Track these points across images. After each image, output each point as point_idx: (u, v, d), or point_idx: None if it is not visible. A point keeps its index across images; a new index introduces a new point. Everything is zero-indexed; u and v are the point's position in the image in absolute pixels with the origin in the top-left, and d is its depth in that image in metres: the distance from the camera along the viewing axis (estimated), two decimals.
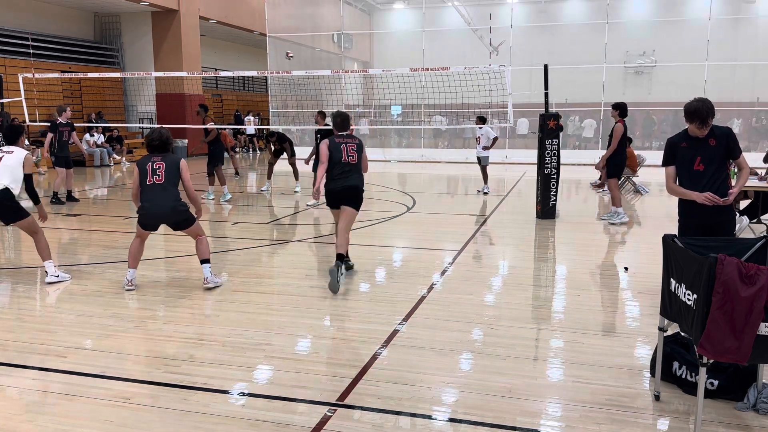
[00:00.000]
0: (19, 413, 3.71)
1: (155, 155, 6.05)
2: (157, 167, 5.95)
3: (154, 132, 6.17)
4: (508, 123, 13.25)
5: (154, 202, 5.96)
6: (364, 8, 28.84)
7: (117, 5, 21.36)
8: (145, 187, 5.97)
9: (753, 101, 23.44)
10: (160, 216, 6.06)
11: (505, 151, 22.46)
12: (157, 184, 5.94)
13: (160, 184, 5.94)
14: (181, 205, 6.08)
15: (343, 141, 6.41)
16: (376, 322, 5.30)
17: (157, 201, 5.95)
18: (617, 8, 24.11)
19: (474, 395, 3.93)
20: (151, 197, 5.95)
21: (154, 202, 5.96)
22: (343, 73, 21.46)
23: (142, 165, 6.01)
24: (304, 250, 8.39)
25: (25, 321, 5.36)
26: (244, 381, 4.16)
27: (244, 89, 31.71)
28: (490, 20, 23.42)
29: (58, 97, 20.45)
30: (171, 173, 5.98)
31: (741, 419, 3.64)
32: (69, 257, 7.72)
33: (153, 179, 5.95)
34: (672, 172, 4.89)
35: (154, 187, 5.95)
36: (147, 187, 5.96)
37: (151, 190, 5.95)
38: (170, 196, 5.98)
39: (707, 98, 4.65)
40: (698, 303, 3.27)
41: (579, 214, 11.28)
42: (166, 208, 5.99)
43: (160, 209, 5.98)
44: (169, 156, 6.09)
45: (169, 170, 5.98)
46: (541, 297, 6.31)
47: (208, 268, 6.23)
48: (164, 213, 6.02)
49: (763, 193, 8.56)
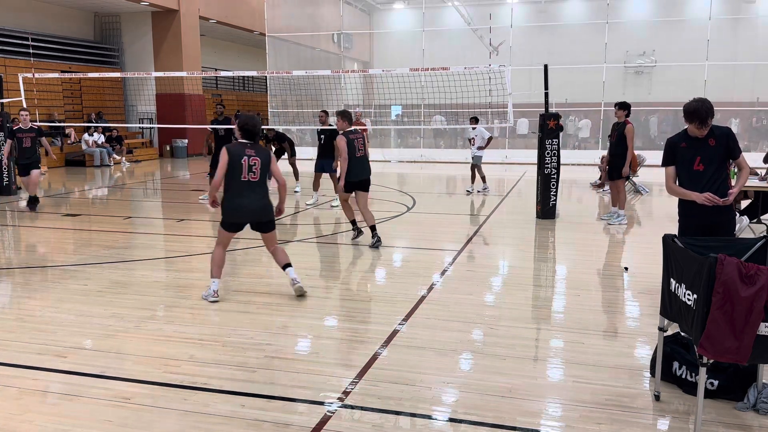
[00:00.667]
0: (19, 413, 3.71)
1: (249, 147, 5.68)
2: (253, 163, 5.62)
3: (249, 117, 5.78)
4: (508, 123, 13.23)
5: (250, 199, 5.66)
6: (364, 8, 28.84)
7: (117, 5, 21.35)
8: (239, 183, 5.62)
9: (753, 101, 23.44)
10: (253, 214, 5.73)
11: (505, 151, 22.47)
12: (253, 182, 5.64)
13: (255, 181, 5.65)
14: (270, 203, 5.82)
15: (354, 137, 7.59)
16: (376, 322, 5.31)
17: (253, 198, 5.67)
18: (617, 8, 24.11)
19: (474, 395, 3.93)
20: (247, 194, 5.64)
21: (250, 199, 5.66)
22: (343, 73, 21.45)
23: (237, 157, 5.60)
24: (304, 250, 8.39)
25: (25, 321, 5.36)
26: (244, 381, 4.16)
27: (244, 89, 31.71)
28: (490, 20, 23.42)
29: (58, 97, 20.47)
30: (265, 169, 5.70)
31: (741, 419, 3.64)
32: (69, 257, 7.72)
33: (248, 176, 5.62)
34: (672, 172, 4.89)
35: (251, 184, 5.64)
36: (241, 183, 5.62)
37: (247, 187, 5.64)
38: (263, 193, 5.73)
39: (706, 98, 4.64)
40: (698, 303, 3.27)
41: (579, 214, 11.28)
42: (259, 206, 5.71)
43: (255, 206, 5.69)
44: (261, 149, 5.76)
45: (264, 167, 5.69)
46: (541, 297, 6.31)
47: (293, 269, 5.96)
48: (257, 211, 5.73)
49: (763, 193, 8.56)
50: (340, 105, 24.20)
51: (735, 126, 22.64)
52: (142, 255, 7.89)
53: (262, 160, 5.67)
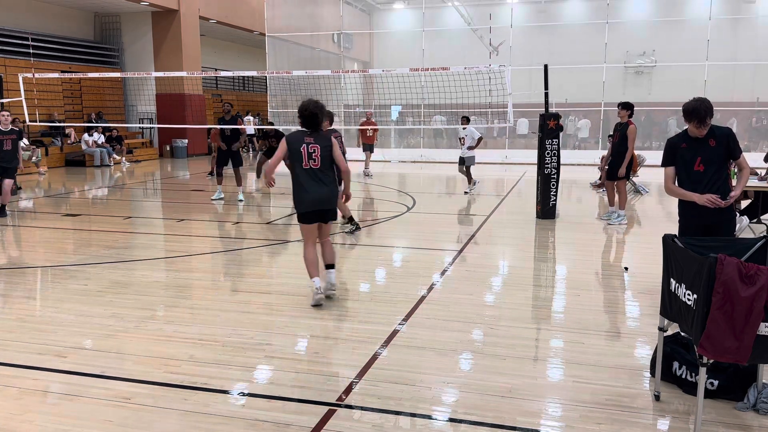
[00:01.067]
0: (19, 413, 3.71)
1: (308, 135, 5.51)
2: (312, 150, 5.45)
3: (305, 103, 5.55)
4: (508, 123, 13.24)
5: (313, 188, 5.50)
6: (364, 8, 28.84)
7: (117, 5, 21.35)
8: (302, 172, 5.48)
9: (753, 101, 23.44)
10: (318, 202, 5.56)
11: (505, 151, 22.47)
12: (315, 169, 5.47)
13: (317, 168, 5.48)
14: (336, 191, 5.67)
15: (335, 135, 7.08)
16: (376, 322, 5.31)
17: (316, 186, 5.50)
18: (617, 8, 24.10)
19: (474, 395, 3.93)
20: (310, 182, 5.49)
21: (313, 188, 5.50)
22: (343, 73, 21.45)
23: (296, 145, 5.47)
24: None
25: (25, 321, 5.36)
26: (244, 381, 4.16)
27: (244, 89, 31.71)
28: (490, 20, 23.41)
29: (58, 97, 20.47)
30: (326, 156, 5.51)
31: (741, 419, 3.64)
32: (69, 257, 7.72)
33: (309, 163, 5.45)
34: (671, 172, 4.88)
35: (313, 172, 5.48)
36: (304, 172, 5.47)
37: (310, 174, 5.48)
38: (327, 180, 5.55)
39: (706, 98, 4.63)
40: (698, 303, 3.27)
41: (579, 214, 11.28)
42: (323, 194, 5.53)
43: (319, 194, 5.52)
44: (321, 136, 5.56)
45: (324, 153, 5.49)
46: (541, 297, 6.31)
47: (334, 273, 5.84)
48: (325, 199, 5.56)
49: (763, 193, 8.56)
50: (340, 105, 24.21)
51: (735, 126, 22.64)
52: (142, 255, 7.89)
53: (321, 147, 5.49)
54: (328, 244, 5.85)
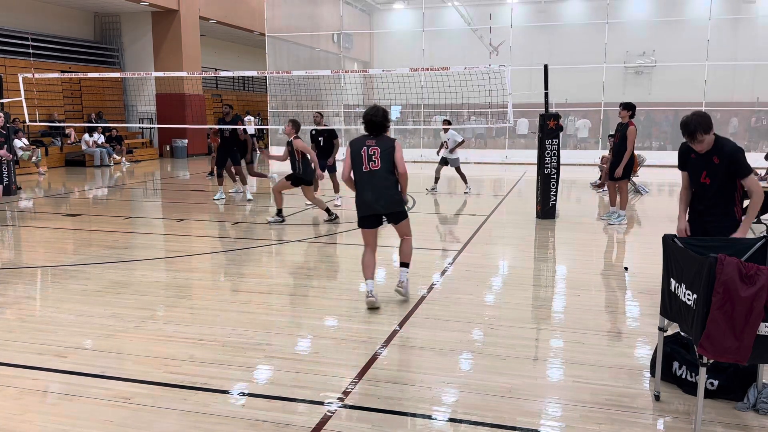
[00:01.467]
0: (19, 413, 3.71)
1: (369, 138, 5.55)
2: (373, 152, 5.48)
3: (372, 108, 5.59)
4: (508, 123, 13.23)
5: (372, 191, 5.52)
6: (364, 8, 28.83)
7: (117, 5, 21.35)
8: (361, 175, 5.52)
9: (753, 101, 23.43)
10: (379, 206, 5.58)
11: (505, 151, 22.48)
12: (374, 170, 5.49)
13: (377, 170, 5.49)
14: (398, 194, 5.64)
15: None
16: (376, 322, 5.30)
17: (375, 188, 5.51)
18: (617, 8, 24.10)
19: (474, 395, 3.93)
20: (370, 185, 5.52)
21: (372, 191, 5.52)
22: (343, 73, 21.45)
23: (357, 149, 5.52)
24: (304, 250, 8.39)
25: (25, 321, 5.36)
26: (244, 381, 4.16)
27: (244, 89, 31.71)
28: (490, 20, 23.42)
29: (58, 97, 20.47)
30: (387, 158, 5.50)
31: (741, 419, 3.64)
32: (69, 257, 7.72)
33: (369, 165, 5.48)
34: (685, 177, 4.79)
35: (372, 174, 5.50)
36: (363, 174, 5.51)
37: (370, 177, 5.51)
38: (387, 182, 5.52)
39: (705, 113, 4.42)
40: (698, 303, 3.27)
41: (579, 214, 11.27)
42: (384, 198, 5.54)
43: (379, 198, 5.54)
44: (384, 138, 5.57)
45: (384, 155, 5.49)
46: (541, 297, 6.31)
47: (407, 272, 5.80)
48: (383, 203, 5.56)
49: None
50: (339, 105, 24.20)
51: (735, 126, 22.65)
52: (142, 255, 7.89)
53: (382, 149, 5.51)
54: (406, 242, 5.84)
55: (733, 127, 22.97)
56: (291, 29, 24.26)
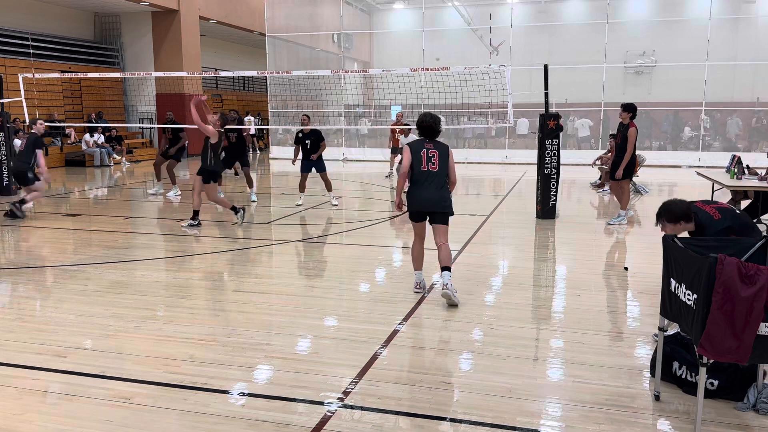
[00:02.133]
0: (19, 413, 3.71)
1: (428, 142, 5.95)
2: (432, 155, 5.88)
3: (428, 115, 6.05)
4: (508, 123, 13.23)
5: (428, 190, 5.89)
6: (364, 8, 28.83)
7: (117, 5, 21.35)
8: (419, 174, 5.89)
9: (753, 101, 23.42)
10: (429, 203, 5.94)
11: (505, 151, 22.46)
12: (432, 172, 5.87)
13: (435, 172, 5.87)
14: (449, 196, 6.03)
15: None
16: (376, 322, 5.31)
17: (430, 189, 5.89)
18: (617, 8, 24.09)
19: (474, 395, 3.93)
20: (426, 184, 5.89)
21: (428, 190, 5.89)
22: (343, 73, 21.44)
23: (417, 150, 5.91)
24: (304, 250, 8.39)
25: (25, 321, 5.36)
26: (244, 381, 4.16)
27: (244, 89, 31.71)
28: (490, 20, 23.41)
29: (58, 97, 20.46)
30: (444, 162, 5.92)
31: (741, 419, 3.64)
32: (69, 257, 7.72)
33: (428, 166, 5.87)
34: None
35: (429, 174, 5.87)
36: (421, 174, 5.88)
37: (427, 177, 5.88)
38: (441, 184, 5.94)
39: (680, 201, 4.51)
40: (698, 303, 3.27)
41: (579, 214, 11.27)
42: (436, 197, 5.90)
43: (431, 197, 5.90)
44: (440, 144, 6.00)
45: (442, 159, 5.91)
46: (541, 297, 6.31)
47: (450, 275, 5.90)
48: (434, 201, 5.92)
49: (763, 193, 8.56)
50: (339, 105, 24.19)
51: (735, 126, 22.62)
52: (142, 255, 7.89)
53: (440, 153, 5.91)
54: (443, 247, 5.98)
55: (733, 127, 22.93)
56: (291, 29, 24.25)
